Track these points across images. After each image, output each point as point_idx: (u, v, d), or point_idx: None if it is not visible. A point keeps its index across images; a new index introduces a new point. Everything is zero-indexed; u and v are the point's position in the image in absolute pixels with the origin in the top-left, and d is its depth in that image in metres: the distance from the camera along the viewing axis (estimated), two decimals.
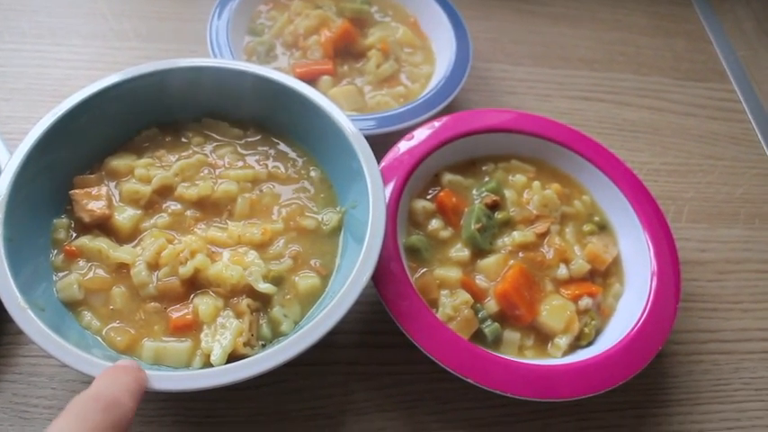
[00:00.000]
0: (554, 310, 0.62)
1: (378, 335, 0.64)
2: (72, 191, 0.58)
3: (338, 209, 0.62)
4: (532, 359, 0.61)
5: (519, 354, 0.61)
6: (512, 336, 0.61)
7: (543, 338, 0.62)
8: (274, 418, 0.59)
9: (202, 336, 0.53)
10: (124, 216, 0.58)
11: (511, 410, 0.62)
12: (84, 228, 0.57)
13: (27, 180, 0.54)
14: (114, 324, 0.54)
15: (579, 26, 1.01)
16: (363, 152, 0.59)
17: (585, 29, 1.01)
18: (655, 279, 0.64)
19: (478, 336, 0.61)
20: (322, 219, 0.61)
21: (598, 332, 0.63)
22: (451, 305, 0.60)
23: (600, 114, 0.89)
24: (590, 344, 0.62)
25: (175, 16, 0.90)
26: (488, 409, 0.62)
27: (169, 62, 0.61)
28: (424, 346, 0.56)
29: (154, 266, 0.55)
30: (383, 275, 0.59)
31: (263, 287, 0.55)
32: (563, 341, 0.61)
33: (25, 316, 0.48)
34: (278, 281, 0.57)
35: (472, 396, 0.62)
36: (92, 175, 0.60)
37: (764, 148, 0.90)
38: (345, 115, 0.61)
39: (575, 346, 0.62)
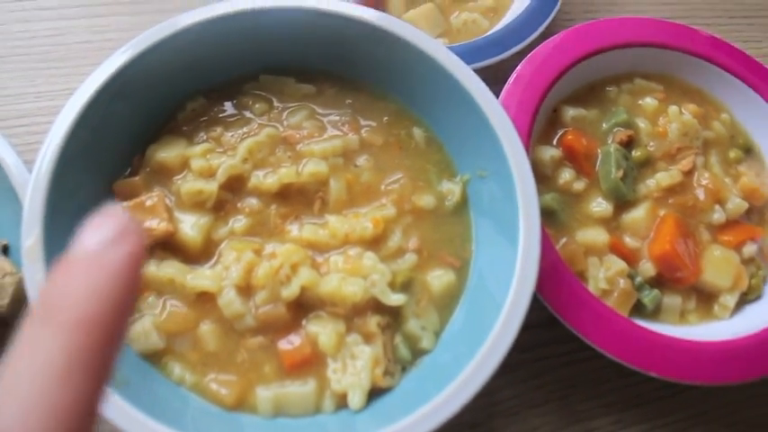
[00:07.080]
0: (718, 265, 0.52)
1: None
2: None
3: (457, 178, 0.48)
4: (697, 324, 0.51)
5: (681, 320, 0.52)
6: (672, 301, 0.51)
7: (706, 299, 0.52)
8: None
9: (330, 373, 0.42)
10: (190, 227, 0.43)
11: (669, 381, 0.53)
12: None
13: (61, 196, 0.39)
14: (213, 374, 0.41)
15: None
16: (482, 96, 0.45)
17: None
18: None
19: (635, 306, 0.51)
20: (441, 192, 0.48)
21: (764, 282, 0.54)
22: (605, 277, 0.50)
23: None
24: (758, 297, 0.53)
25: None
26: (645, 383, 0.53)
27: (211, 8, 0.44)
28: (581, 330, 0.46)
29: (246, 291, 0.42)
30: None
31: (395, 299, 0.43)
32: (730, 299, 0.52)
33: (113, 404, 0.35)
34: (406, 285, 0.44)
35: (626, 370, 0.53)
36: (135, 177, 0.44)
37: None
38: (442, 46, 0.46)
39: (741, 301, 0.53)
